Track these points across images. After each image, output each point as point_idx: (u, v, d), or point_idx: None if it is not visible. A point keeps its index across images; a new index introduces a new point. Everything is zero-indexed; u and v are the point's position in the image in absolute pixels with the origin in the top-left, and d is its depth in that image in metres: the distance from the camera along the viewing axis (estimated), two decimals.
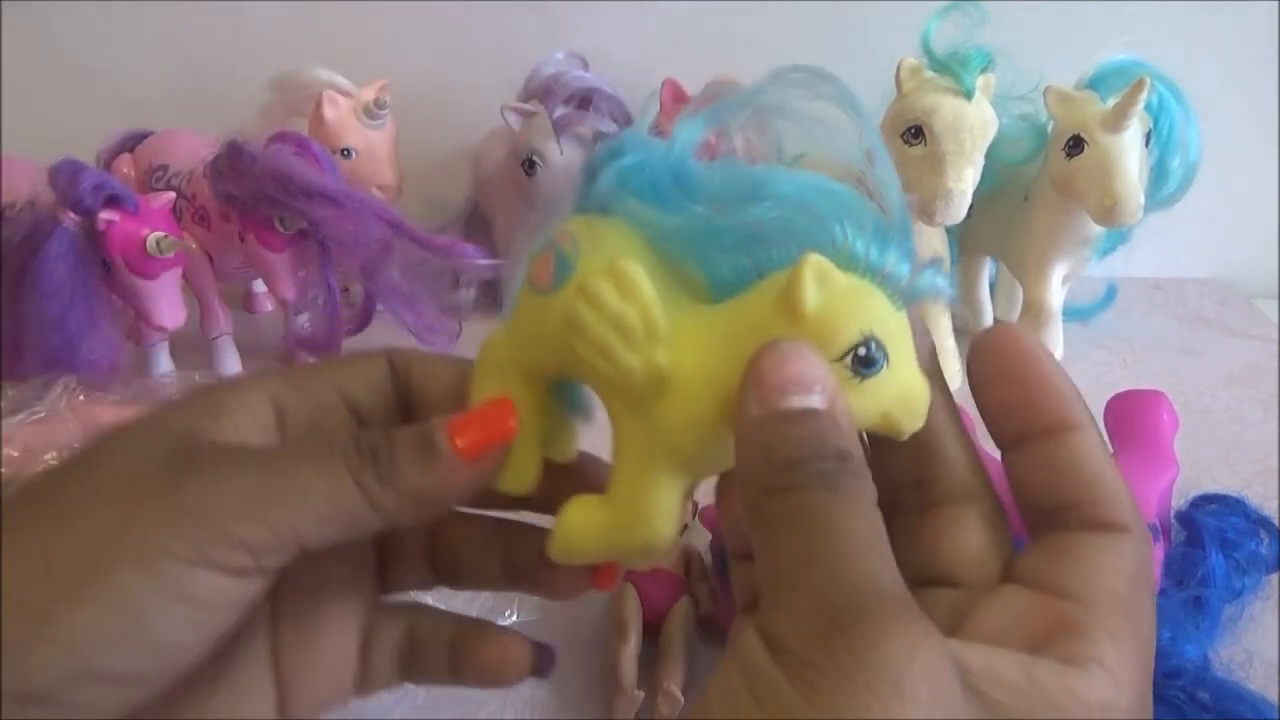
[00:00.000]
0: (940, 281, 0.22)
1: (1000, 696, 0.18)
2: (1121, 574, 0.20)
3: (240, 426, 0.23)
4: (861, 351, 0.20)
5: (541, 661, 0.27)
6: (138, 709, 0.21)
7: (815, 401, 0.19)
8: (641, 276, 0.22)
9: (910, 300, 0.22)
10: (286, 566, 0.22)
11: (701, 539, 0.45)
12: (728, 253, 0.22)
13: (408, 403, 0.27)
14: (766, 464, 0.19)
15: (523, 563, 0.27)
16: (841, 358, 0.20)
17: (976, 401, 0.22)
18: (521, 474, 0.25)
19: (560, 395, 0.26)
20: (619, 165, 0.23)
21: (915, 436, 0.22)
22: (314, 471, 0.22)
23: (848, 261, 0.21)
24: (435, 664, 0.27)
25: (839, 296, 0.20)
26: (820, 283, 0.20)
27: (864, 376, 0.20)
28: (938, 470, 0.22)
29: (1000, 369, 0.22)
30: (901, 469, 0.23)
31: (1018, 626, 0.20)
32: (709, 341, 0.21)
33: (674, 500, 0.22)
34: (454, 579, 0.28)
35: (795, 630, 0.18)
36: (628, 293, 0.21)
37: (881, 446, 0.23)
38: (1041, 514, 0.21)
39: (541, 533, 0.26)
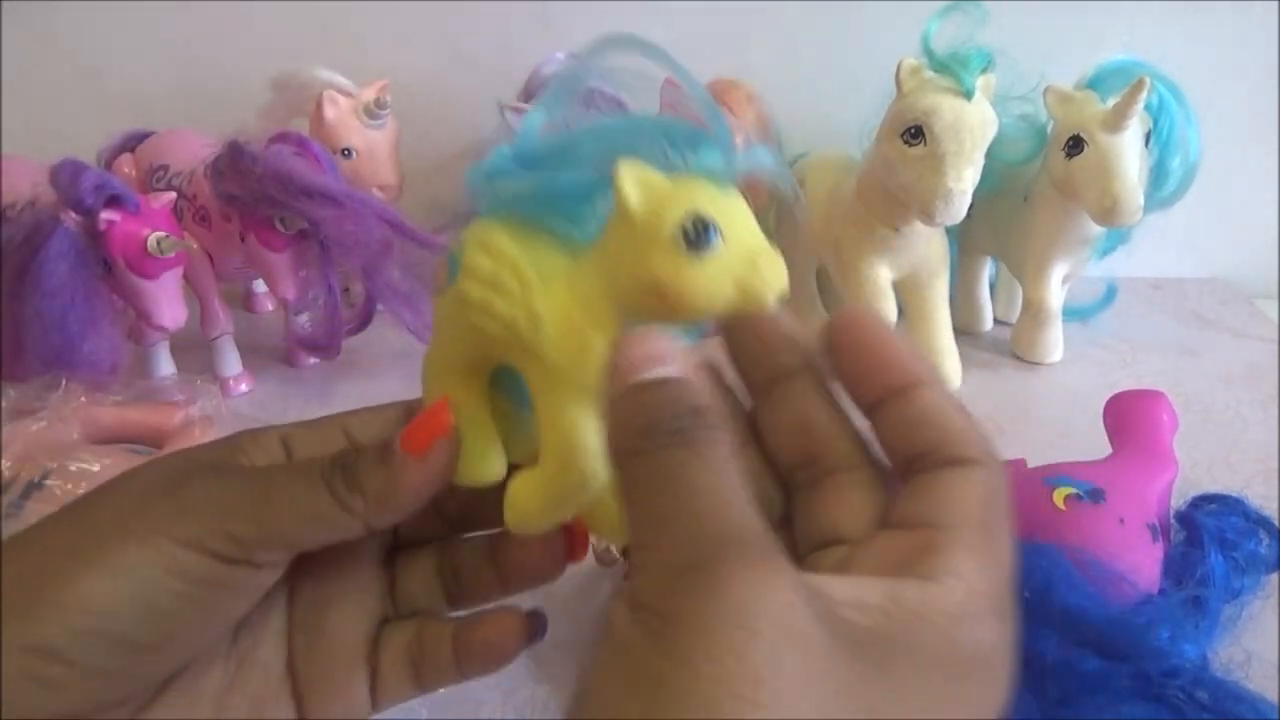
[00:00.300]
0: (763, 156, 0.24)
1: (863, 620, 0.19)
2: (973, 497, 0.21)
3: (252, 458, 0.27)
4: (689, 228, 0.22)
5: (535, 626, 0.29)
6: (159, 688, 0.25)
7: (668, 372, 0.21)
8: (505, 240, 0.24)
9: (735, 178, 0.23)
10: (279, 563, 0.25)
11: None
12: (580, 204, 0.24)
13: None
14: (625, 431, 0.20)
15: (509, 562, 0.29)
16: (675, 239, 0.22)
17: (838, 375, 0.24)
18: (475, 466, 0.27)
19: (509, 396, 0.28)
20: (479, 168, 0.26)
21: (796, 419, 0.24)
22: (295, 482, 0.25)
23: (665, 169, 0.23)
24: (442, 663, 0.29)
25: (659, 190, 0.22)
26: (638, 183, 0.22)
27: (701, 251, 0.22)
28: (820, 448, 0.24)
29: (852, 344, 0.24)
30: (790, 451, 0.25)
31: (886, 559, 0.21)
32: (581, 276, 0.24)
33: (593, 432, 0.24)
34: (459, 599, 0.30)
35: (651, 587, 0.18)
36: (497, 257, 0.24)
37: (770, 434, 0.25)
38: (906, 464, 0.23)
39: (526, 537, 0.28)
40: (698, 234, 0.22)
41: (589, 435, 0.24)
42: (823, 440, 0.24)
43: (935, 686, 0.19)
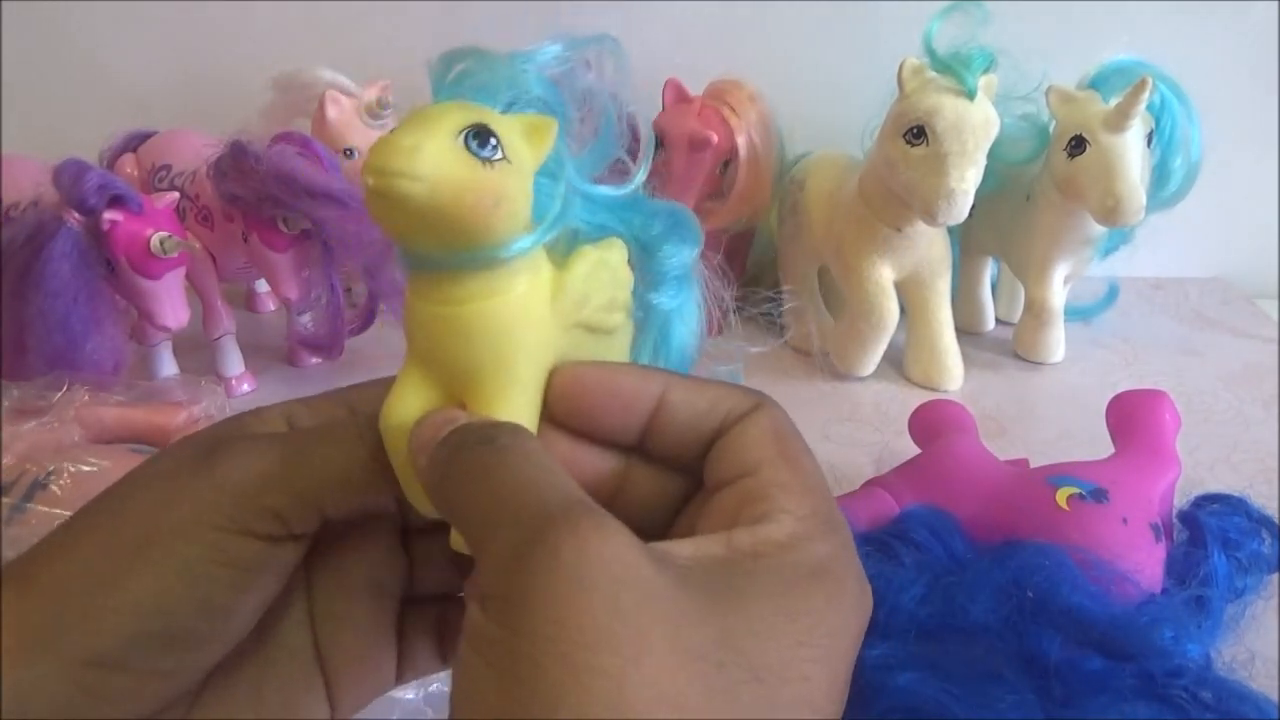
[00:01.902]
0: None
1: (708, 571, 0.20)
2: (766, 435, 0.23)
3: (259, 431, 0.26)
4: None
5: None
6: (199, 690, 0.24)
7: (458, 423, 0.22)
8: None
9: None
10: (310, 533, 0.25)
11: None
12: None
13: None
14: (434, 452, 0.22)
15: None
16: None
17: (592, 435, 0.25)
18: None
19: None
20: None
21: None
22: (328, 443, 0.24)
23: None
24: None
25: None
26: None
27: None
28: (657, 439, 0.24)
29: (577, 407, 0.24)
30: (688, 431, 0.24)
31: (718, 519, 0.22)
32: None
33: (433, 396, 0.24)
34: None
35: (492, 577, 0.19)
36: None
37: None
38: (702, 442, 0.24)
39: None
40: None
41: (424, 397, 0.24)
42: (663, 430, 0.24)
43: (786, 606, 0.19)
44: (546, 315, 0.23)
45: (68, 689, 0.21)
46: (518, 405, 0.23)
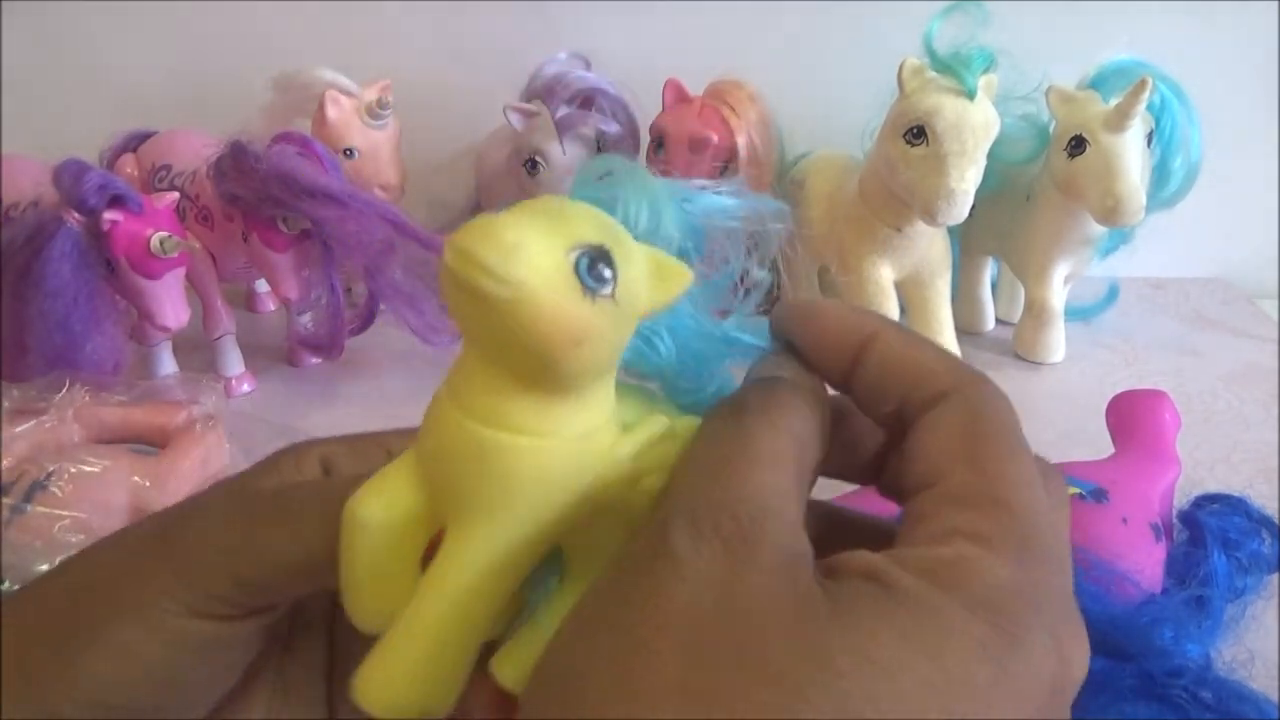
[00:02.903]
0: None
1: (847, 589, 0.17)
2: (949, 436, 0.19)
3: (286, 478, 0.24)
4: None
5: None
6: None
7: None
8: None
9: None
10: (281, 604, 0.23)
11: None
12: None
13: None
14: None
15: None
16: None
17: (804, 362, 0.22)
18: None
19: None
20: None
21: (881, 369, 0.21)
22: (282, 528, 0.22)
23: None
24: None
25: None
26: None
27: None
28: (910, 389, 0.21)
29: (795, 333, 0.22)
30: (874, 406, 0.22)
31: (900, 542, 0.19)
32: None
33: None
34: None
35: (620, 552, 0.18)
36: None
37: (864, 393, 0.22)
38: (890, 422, 0.21)
39: None
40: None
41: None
42: (896, 391, 0.21)
43: (922, 639, 0.16)
44: (588, 480, 0.19)
45: None
46: (489, 564, 0.19)
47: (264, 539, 0.22)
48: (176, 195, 0.61)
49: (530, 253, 0.16)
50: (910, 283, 0.63)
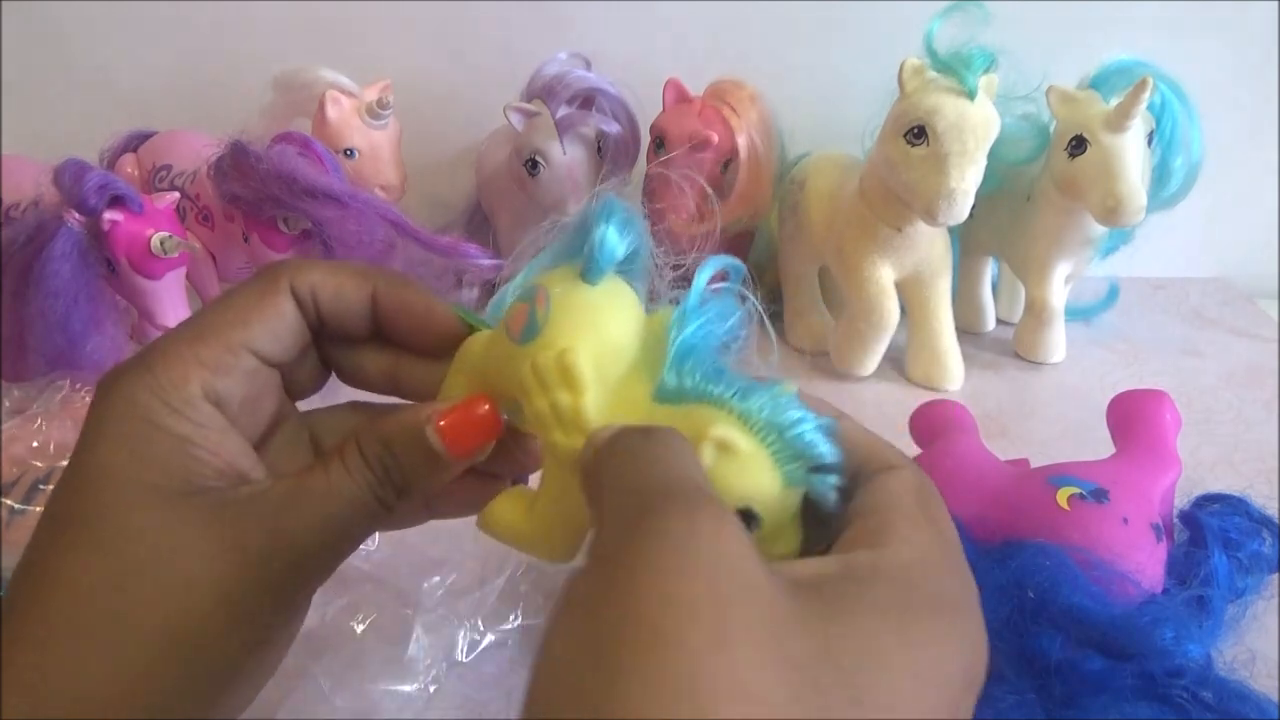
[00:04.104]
0: (827, 488, 0.24)
1: (820, 582, 0.20)
2: (904, 489, 0.23)
3: (214, 446, 0.25)
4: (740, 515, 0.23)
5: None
6: None
7: None
8: (584, 373, 0.25)
9: (797, 484, 0.24)
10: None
11: None
12: (682, 373, 0.25)
13: (324, 326, 0.29)
14: (589, 451, 0.23)
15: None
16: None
17: None
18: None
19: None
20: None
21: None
22: (341, 501, 0.26)
23: (761, 428, 0.23)
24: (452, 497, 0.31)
25: (732, 463, 0.23)
26: (721, 450, 0.23)
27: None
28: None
29: None
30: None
31: (839, 549, 0.22)
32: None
33: (580, 534, 0.26)
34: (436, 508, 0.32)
35: (601, 543, 0.20)
36: (570, 384, 0.25)
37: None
38: (850, 489, 0.25)
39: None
40: (745, 522, 0.23)
41: (577, 536, 0.26)
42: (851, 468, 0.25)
43: (902, 629, 0.19)
44: None
45: None
46: None
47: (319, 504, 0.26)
48: (177, 195, 0.61)
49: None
50: (910, 283, 0.63)
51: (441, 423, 0.26)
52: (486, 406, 0.27)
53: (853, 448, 0.25)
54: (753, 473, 0.23)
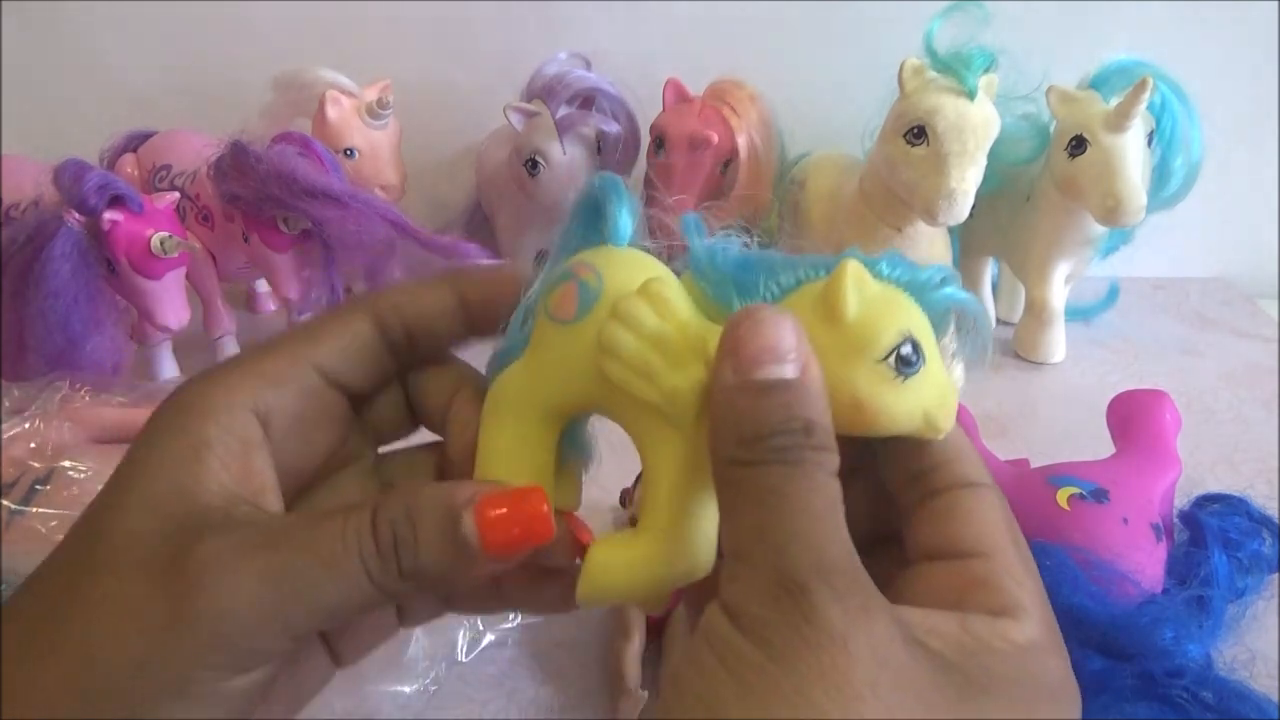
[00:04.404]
0: (965, 295, 0.23)
1: (940, 647, 0.19)
2: (1000, 523, 0.22)
3: (228, 464, 0.22)
4: (904, 351, 0.21)
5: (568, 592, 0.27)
6: None
7: (788, 371, 0.20)
8: (678, 296, 0.22)
9: (932, 308, 0.22)
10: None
11: None
12: (759, 276, 0.22)
13: (403, 351, 0.26)
14: (735, 436, 0.20)
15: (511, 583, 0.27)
16: (885, 358, 0.21)
17: None
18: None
19: (567, 438, 0.25)
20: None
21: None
22: (326, 571, 0.21)
23: (874, 274, 0.22)
24: (478, 593, 0.27)
25: (875, 301, 0.21)
26: (858, 287, 0.21)
27: (906, 376, 0.21)
28: (931, 464, 0.23)
29: None
30: (901, 468, 0.24)
31: (942, 590, 0.21)
32: None
33: (715, 523, 0.22)
34: (454, 603, 0.29)
35: (749, 597, 0.19)
36: (665, 312, 0.22)
37: (883, 449, 0.24)
38: (912, 480, 0.23)
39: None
40: (909, 359, 0.21)
41: (712, 525, 0.22)
42: (935, 457, 0.23)
43: (1015, 712, 0.19)
44: None
45: None
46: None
47: (307, 586, 0.21)
48: (177, 195, 0.61)
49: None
50: None
51: (487, 512, 0.22)
52: (545, 506, 0.22)
53: (918, 444, 0.23)
54: (898, 301, 0.22)
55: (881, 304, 0.21)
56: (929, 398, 0.21)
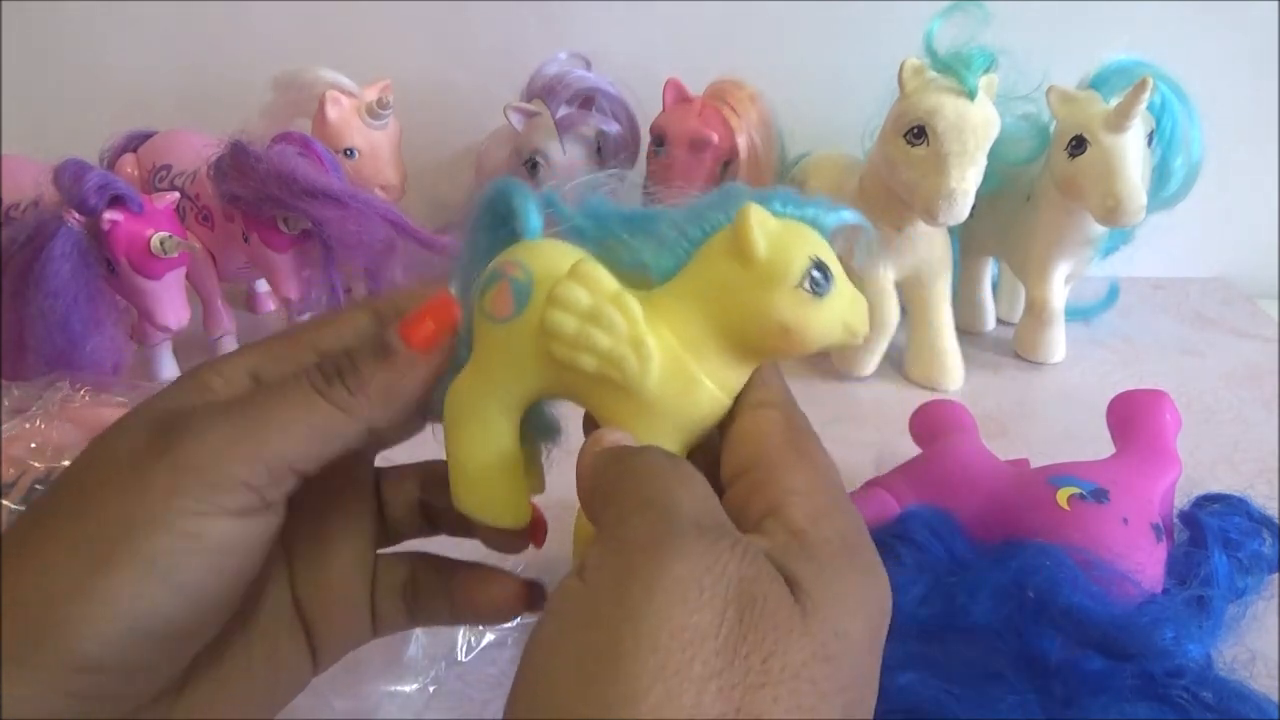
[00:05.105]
0: (849, 214, 0.26)
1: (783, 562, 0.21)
2: (771, 434, 0.24)
3: (218, 392, 0.25)
4: (815, 273, 0.23)
5: (533, 597, 0.30)
6: (187, 667, 0.24)
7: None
8: (604, 272, 0.24)
9: (828, 231, 0.25)
10: (290, 496, 0.25)
11: None
12: (664, 235, 0.25)
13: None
14: (593, 461, 0.23)
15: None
16: (800, 283, 0.23)
17: None
18: (507, 507, 0.27)
19: (530, 425, 0.27)
20: (547, 196, 0.27)
21: None
22: (288, 404, 0.24)
23: (773, 212, 0.24)
24: (437, 606, 0.30)
25: (779, 234, 0.24)
26: (762, 227, 0.23)
27: (820, 294, 0.24)
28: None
29: None
30: None
31: (733, 510, 0.23)
32: (676, 311, 0.24)
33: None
34: (439, 527, 0.32)
35: (605, 553, 0.20)
36: (596, 288, 0.24)
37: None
38: (723, 422, 0.25)
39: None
40: (820, 277, 0.24)
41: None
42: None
43: (818, 597, 0.20)
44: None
45: (57, 698, 0.21)
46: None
47: (275, 417, 0.24)
48: (176, 195, 0.61)
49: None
50: (910, 283, 0.63)
51: (405, 322, 0.26)
52: (447, 296, 0.26)
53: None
54: (799, 231, 0.24)
55: (786, 236, 0.24)
56: (845, 309, 0.24)
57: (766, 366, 0.26)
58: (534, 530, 0.29)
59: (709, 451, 0.25)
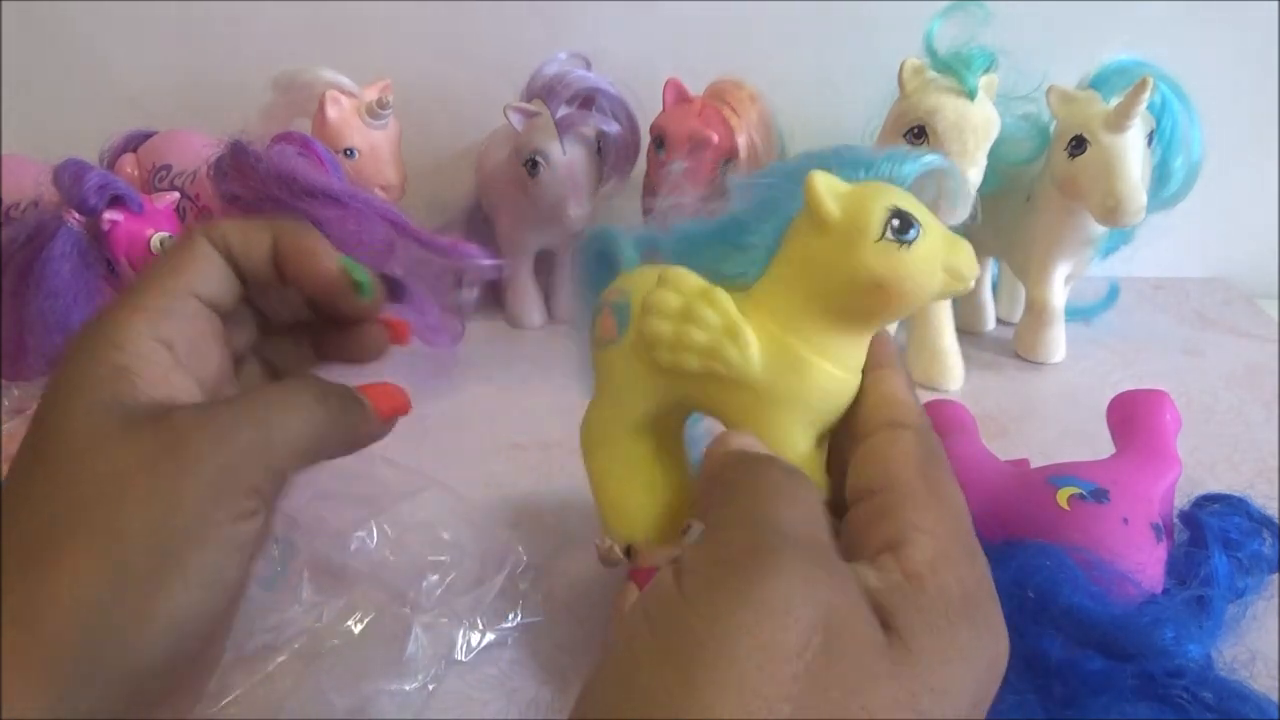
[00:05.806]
0: (930, 158, 0.26)
1: (881, 600, 0.21)
2: (905, 457, 0.24)
3: (155, 378, 0.25)
4: (895, 222, 0.23)
5: (395, 293, 0.32)
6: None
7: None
8: (689, 273, 0.25)
9: (906, 180, 0.25)
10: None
11: None
12: (748, 244, 0.25)
13: (240, 274, 0.30)
14: (724, 455, 0.24)
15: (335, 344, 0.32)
16: (882, 235, 0.23)
17: None
18: (642, 525, 0.28)
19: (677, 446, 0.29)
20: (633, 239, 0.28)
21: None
22: (293, 415, 0.26)
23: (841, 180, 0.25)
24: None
25: (850, 195, 0.24)
26: (830, 191, 0.23)
27: (909, 242, 0.23)
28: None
29: None
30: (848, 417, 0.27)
31: (855, 531, 0.23)
32: (771, 296, 0.24)
33: (810, 443, 0.25)
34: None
35: (702, 558, 0.20)
36: (684, 288, 0.24)
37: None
38: (855, 435, 0.25)
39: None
40: (902, 225, 0.23)
41: (807, 445, 0.25)
42: (865, 409, 0.26)
43: (929, 639, 0.20)
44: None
45: (114, 703, 0.21)
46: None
47: (280, 427, 0.25)
48: (177, 195, 0.61)
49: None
50: None
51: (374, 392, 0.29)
52: (398, 391, 0.28)
53: (869, 392, 0.25)
54: (871, 186, 0.24)
55: (858, 195, 0.24)
56: (940, 252, 0.24)
57: (902, 388, 0.25)
58: (396, 332, 0.31)
59: (842, 459, 0.26)
